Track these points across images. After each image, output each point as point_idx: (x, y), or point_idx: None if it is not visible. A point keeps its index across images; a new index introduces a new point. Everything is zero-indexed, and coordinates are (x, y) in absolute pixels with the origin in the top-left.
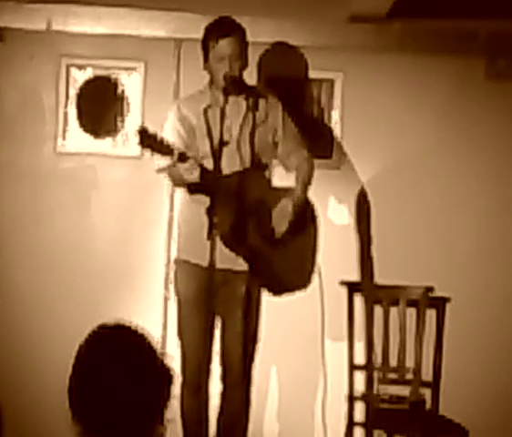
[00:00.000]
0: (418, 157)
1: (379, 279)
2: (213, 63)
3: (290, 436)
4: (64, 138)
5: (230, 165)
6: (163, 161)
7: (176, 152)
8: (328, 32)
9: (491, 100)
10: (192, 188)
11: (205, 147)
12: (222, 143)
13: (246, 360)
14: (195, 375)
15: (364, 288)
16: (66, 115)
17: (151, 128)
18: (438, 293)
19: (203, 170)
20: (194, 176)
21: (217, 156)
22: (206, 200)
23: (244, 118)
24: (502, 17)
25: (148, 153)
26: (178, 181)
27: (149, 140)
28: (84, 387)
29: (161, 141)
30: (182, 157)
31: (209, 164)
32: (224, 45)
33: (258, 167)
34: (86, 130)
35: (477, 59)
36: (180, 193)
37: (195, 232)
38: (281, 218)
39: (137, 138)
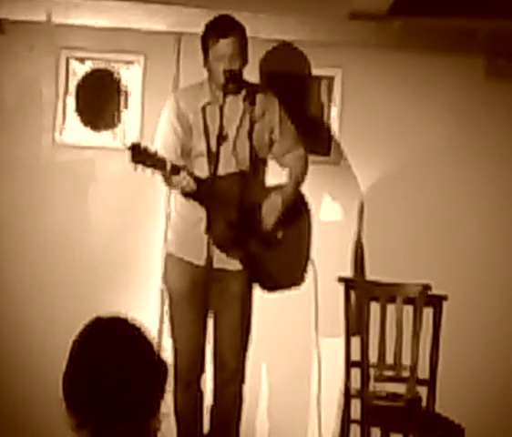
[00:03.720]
0: (417, 154)
1: (378, 275)
2: (213, 61)
3: (282, 433)
4: (62, 131)
5: (225, 165)
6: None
7: (168, 165)
8: (328, 28)
9: (491, 99)
10: (185, 195)
11: (201, 146)
12: (221, 137)
13: (238, 357)
14: (187, 370)
15: (360, 284)
16: (65, 107)
17: (143, 143)
18: (437, 291)
19: (196, 181)
20: (187, 187)
21: (213, 154)
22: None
23: (241, 119)
24: (502, 16)
25: (139, 169)
26: (172, 188)
27: (141, 156)
28: (78, 379)
29: (153, 155)
30: (175, 170)
31: (203, 163)
32: (224, 45)
33: (255, 164)
34: (85, 123)
35: (477, 58)
36: None
37: (189, 229)
38: (270, 210)
39: (128, 155)
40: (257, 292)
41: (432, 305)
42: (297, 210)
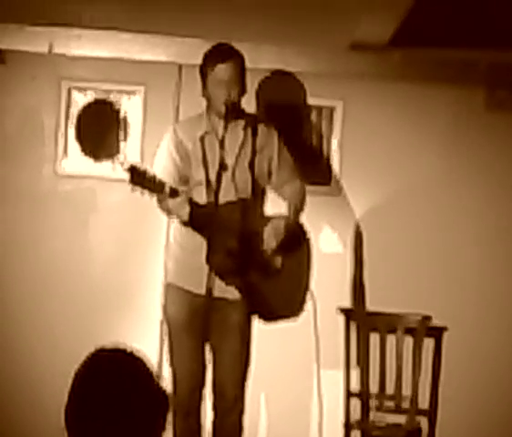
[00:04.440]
0: (418, 184)
1: (377, 306)
2: (211, 88)
3: None
4: (63, 161)
5: (224, 194)
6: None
7: (167, 188)
8: (329, 59)
9: (491, 130)
10: (185, 223)
11: (199, 175)
12: (222, 167)
13: (238, 387)
14: (186, 399)
15: (359, 315)
16: (66, 137)
17: (141, 166)
18: (438, 321)
19: (194, 206)
20: (185, 212)
21: (212, 183)
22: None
23: (241, 148)
24: (502, 48)
25: (138, 191)
26: (169, 214)
27: (139, 178)
28: (81, 410)
29: (152, 179)
30: (173, 193)
31: (201, 192)
32: (222, 70)
33: (255, 193)
34: (85, 153)
35: (477, 89)
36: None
37: (189, 257)
38: (272, 233)
39: (127, 177)
40: (256, 323)
41: (432, 336)
42: (296, 240)
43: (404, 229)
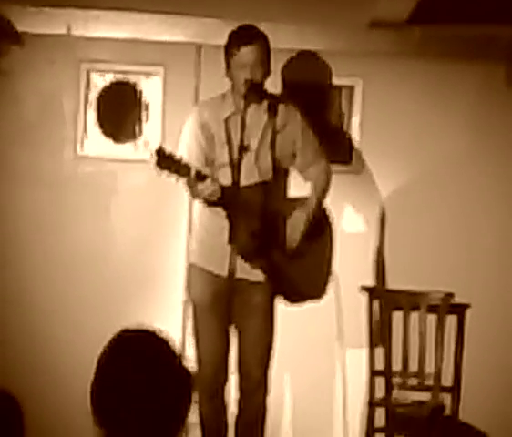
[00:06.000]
0: (439, 161)
1: (400, 284)
2: (235, 70)
3: None
4: (83, 143)
5: (247, 176)
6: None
7: (193, 171)
8: (348, 38)
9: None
10: (209, 204)
11: (224, 156)
12: (243, 148)
13: (262, 368)
14: (211, 380)
15: (382, 294)
16: (85, 120)
17: (168, 149)
18: (461, 299)
19: (221, 188)
20: (212, 195)
21: (236, 165)
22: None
23: (264, 130)
24: None
25: (164, 175)
26: (196, 196)
27: (167, 162)
28: (106, 392)
29: (178, 162)
30: (199, 176)
31: (226, 173)
32: (246, 53)
33: (278, 174)
34: (106, 135)
35: (498, 65)
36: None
37: (212, 239)
38: (293, 231)
39: (153, 160)
40: (280, 304)
41: (455, 313)
42: (319, 222)
43: (425, 207)
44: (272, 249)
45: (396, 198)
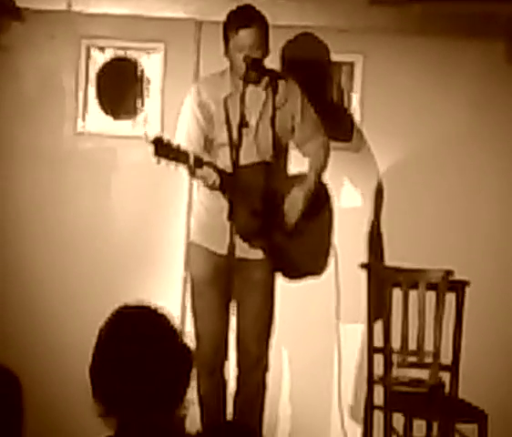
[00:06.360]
0: (438, 138)
1: (399, 261)
2: (234, 51)
3: (304, 419)
4: (83, 120)
5: (247, 155)
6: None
7: (191, 158)
8: (348, 14)
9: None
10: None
11: (223, 136)
12: (242, 125)
13: (261, 345)
14: (210, 357)
15: (381, 271)
16: (85, 96)
17: (166, 137)
18: (460, 276)
19: (219, 173)
20: (211, 182)
21: (236, 144)
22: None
23: (263, 107)
24: None
25: (163, 162)
26: (197, 179)
27: (164, 150)
28: (105, 367)
29: (176, 149)
30: (197, 163)
31: (226, 153)
32: (244, 36)
33: (278, 153)
34: (105, 112)
35: (498, 42)
36: None
37: (212, 218)
38: (291, 209)
39: (151, 148)
40: (279, 280)
41: (454, 290)
42: (319, 198)
43: (425, 184)
44: (272, 228)
45: (396, 174)
